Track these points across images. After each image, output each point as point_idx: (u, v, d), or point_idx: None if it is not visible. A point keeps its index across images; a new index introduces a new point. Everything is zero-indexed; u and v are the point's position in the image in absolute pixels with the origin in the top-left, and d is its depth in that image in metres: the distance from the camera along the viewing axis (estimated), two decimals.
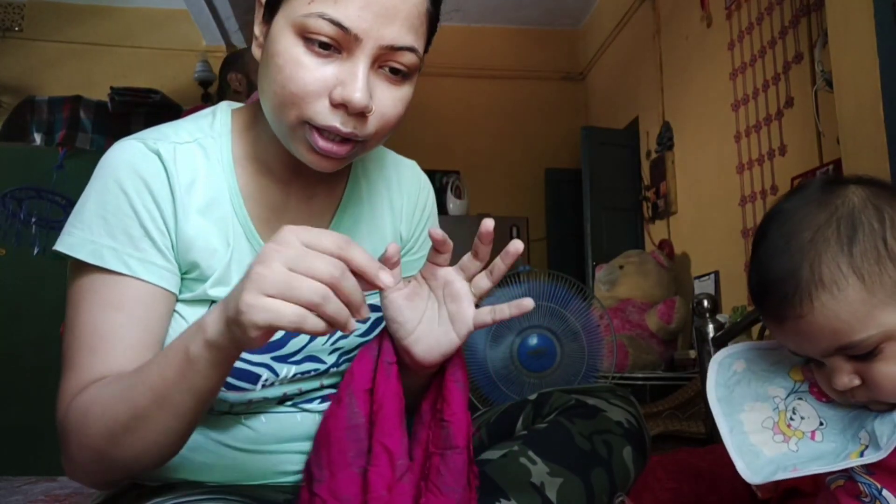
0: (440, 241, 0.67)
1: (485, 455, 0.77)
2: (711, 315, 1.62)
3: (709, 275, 3.40)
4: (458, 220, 4.45)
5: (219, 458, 0.73)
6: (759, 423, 0.68)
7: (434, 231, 0.67)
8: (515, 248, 0.67)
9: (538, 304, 2.49)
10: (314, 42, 0.63)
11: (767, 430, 0.68)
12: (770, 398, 0.70)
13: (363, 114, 0.65)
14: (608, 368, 2.66)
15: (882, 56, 1.55)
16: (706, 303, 1.63)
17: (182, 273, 0.70)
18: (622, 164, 4.37)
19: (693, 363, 3.09)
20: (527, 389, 2.41)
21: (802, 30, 2.73)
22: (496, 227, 0.67)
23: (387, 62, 0.65)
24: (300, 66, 0.63)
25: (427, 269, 0.70)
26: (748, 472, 0.65)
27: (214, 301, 0.70)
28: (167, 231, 0.69)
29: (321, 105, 0.64)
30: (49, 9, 4.55)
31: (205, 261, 0.70)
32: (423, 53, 0.70)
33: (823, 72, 2.48)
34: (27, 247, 3.00)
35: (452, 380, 0.71)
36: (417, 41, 0.66)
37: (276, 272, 0.52)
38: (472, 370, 2.48)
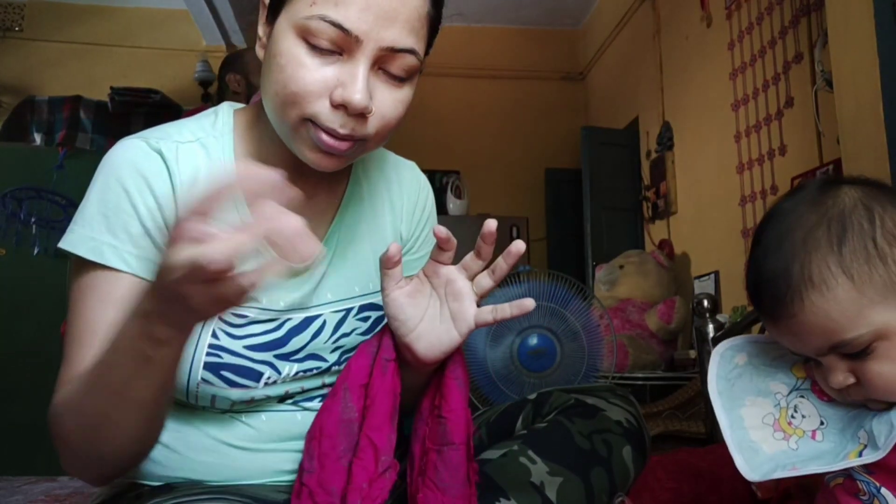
0: (444, 239, 0.68)
1: (485, 454, 0.77)
2: (711, 315, 1.62)
3: (709, 275, 3.40)
4: (458, 220, 4.45)
5: (219, 457, 0.73)
6: (760, 419, 0.68)
7: (438, 229, 0.67)
8: (517, 249, 0.67)
9: (538, 304, 2.48)
10: (315, 43, 0.63)
11: (768, 427, 0.68)
12: (772, 394, 0.70)
13: (363, 115, 0.65)
14: (608, 368, 2.66)
15: (882, 56, 1.55)
16: (706, 303, 1.63)
17: None
18: (622, 164, 4.37)
19: (693, 363, 3.09)
20: (527, 389, 2.41)
21: (802, 30, 2.74)
22: (497, 227, 0.68)
23: (387, 64, 0.66)
24: (301, 67, 0.64)
25: (430, 267, 0.71)
26: (747, 469, 0.66)
27: None
28: (167, 229, 0.69)
29: (322, 105, 0.64)
30: (49, 9, 4.56)
31: None
32: (424, 55, 0.71)
33: (823, 72, 2.48)
34: (27, 247, 3.00)
35: (452, 377, 0.71)
36: (418, 43, 0.66)
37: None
38: (472, 370, 2.48)
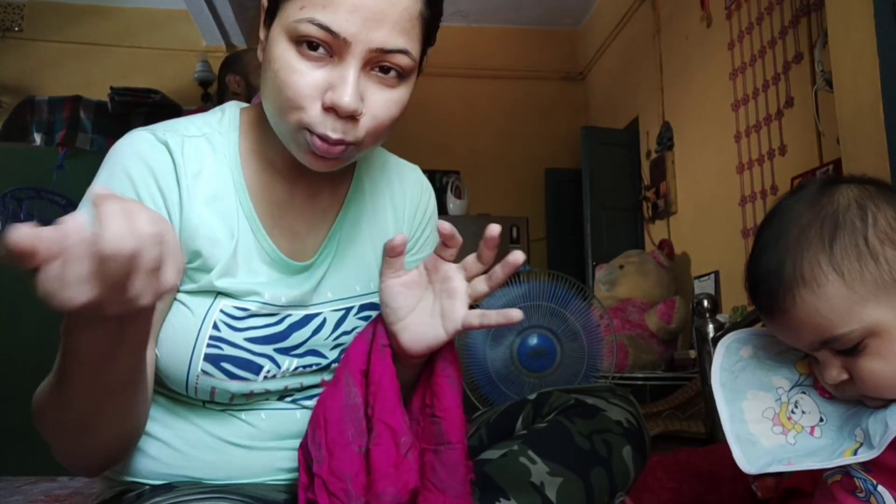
0: (448, 236, 0.68)
1: (485, 455, 0.77)
2: (711, 315, 1.63)
3: (709, 275, 3.40)
4: (458, 220, 4.45)
5: (219, 455, 0.73)
6: (760, 413, 0.69)
7: (442, 225, 0.67)
8: (515, 260, 0.67)
9: (538, 304, 2.49)
10: (306, 47, 0.64)
11: (767, 421, 0.68)
12: (773, 388, 0.70)
13: (353, 117, 0.65)
14: (608, 368, 2.66)
15: (882, 56, 1.55)
16: (706, 303, 1.64)
17: (185, 262, 0.71)
18: (622, 164, 4.37)
19: (693, 363, 3.09)
20: (527, 389, 2.41)
21: (802, 30, 2.73)
22: None
23: (379, 65, 0.66)
24: (294, 71, 0.64)
25: (431, 261, 0.71)
26: (744, 461, 0.66)
27: (221, 292, 0.71)
28: (170, 220, 0.70)
29: (314, 109, 0.65)
30: (49, 9, 4.56)
31: (207, 250, 0.71)
32: (423, 55, 0.71)
33: (823, 72, 2.48)
34: None
35: (443, 375, 0.71)
36: (409, 43, 0.66)
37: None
38: (472, 370, 2.48)
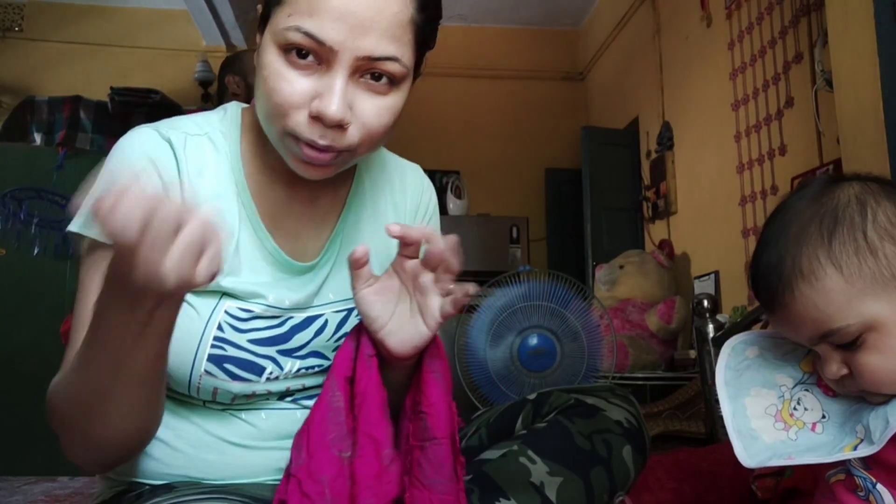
0: (399, 237, 0.66)
1: (484, 455, 0.77)
2: (711, 315, 1.63)
3: (709, 275, 3.40)
4: (458, 220, 4.46)
5: (219, 455, 0.74)
6: (763, 409, 0.69)
7: (390, 228, 0.65)
8: (433, 252, 0.65)
9: (538, 304, 2.49)
10: (294, 54, 0.63)
11: (769, 417, 0.68)
12: (777, 386, 0.70)
13: (341, 126, 0.65)
14: (608, 368, 2.66)
15: (882, 56, 1.55)
16: (706, 303, 1.64)
17: None
18: (622, 164, 4.37)
19: (693, 363, 3.09)
20: (527, 389, 2.41)
21: (802, 30, 2.73)
22: (496, 227, 0.67)
23: (368, 72, 0.65)
24: (281, 79, 0.64)
25: (397, 262, 0.70)
26: (744, 455, 0.67)
27: (225, 293, 0.71)
28: None
29: (301, 117, 0.64)
30: (49, 9, 4.56)
31: None
32: (420, 59, 0.70)
33: (823, 72, 2.48)
34: (27, 247, 3.01)
35: (429, 371, 0.70)
36: (400, 50, 0.65)
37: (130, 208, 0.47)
38: (473, 370, 2.48)
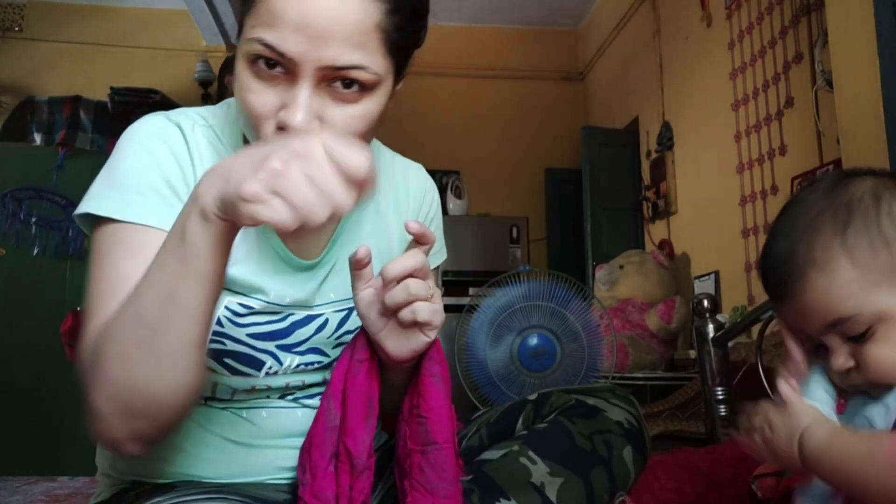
0: (420, 234, 0.66)
1: (485, 455, 0.77)
2: (711, 315, 1.63)
3: (709, 275, 3.40)
4: (458, 220, 4.46)
5: (220, 453, 0.74)
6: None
7: (410, 225, 0.65)
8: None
9: (538, 304, 2.49)
10: (262, 65, 0.63)
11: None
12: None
13: None
14: (608, 368, 2.66)
15: (882, 56, 1.55)
16: (706, 303, 1.64)
17: None
18: (622, 164, 4.37)
19: (693, 363, 3.09)
20: (527, 389, 2.41)
21: (802, 30, 2.73)
22: (496, 227, 0.67)
23: (335, 81, 0.64)
24: (249, 91, 0.64)
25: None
26: None
27: (227, 288, 0.70)
28: (189, 190, 0.69)
29: (269, 128, 0.65)
30: (49, 9, 4.56)
31: None
32: (405, 61, 0.69)
33: (823, 72, 2.48)
34: (27, 247, 3.00)
35: (428, 375, 0.70)
36: (365, 57, 0.63)
37: (295, 179, 0.49)
38: (473, 370, 2.48)
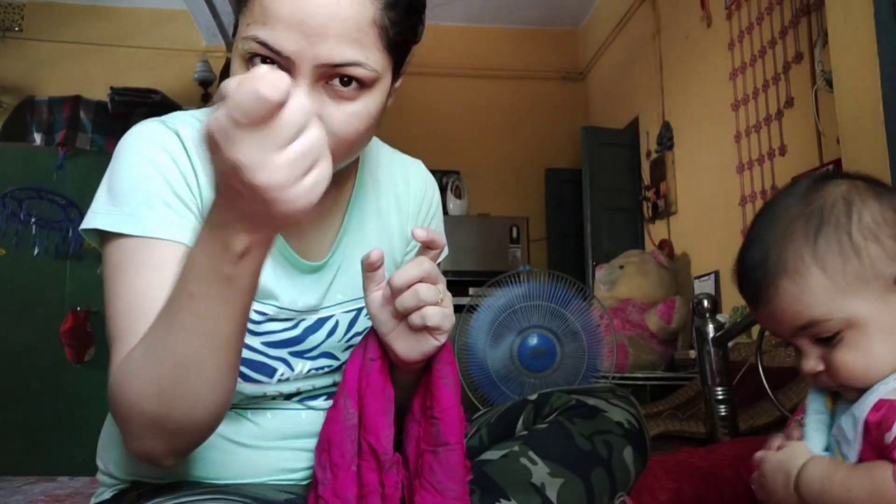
0: (427, 241, 0.67)
1: (485, 455, 0.77)
2: (711, 315, 1.62)
3: (709, 275, 3.40)
4: (458, 220, 4.45)
5: (224, 454, 0.73)
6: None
7: (417, 233, 0.66)
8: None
9: (538, 304, 2.49)
10: (257, 63, 0.62)
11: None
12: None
13: None
14: (608, 368, 2.66)
15: (882, 56, 1.54)
16: (706, 303, 1.63)
17: None
18: (622, 164, 4.37)
19: (693, 363, 3.09)
20: (527, 389, 2.41)
21: (802, 30, 2.73)
22: (496, 227, 0.67)
23: (332, 79, 0.63)
24: None
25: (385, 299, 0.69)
26: None
27: None
28: (195, 198, 0.70)
29: None
30: (49, 9, 4.55)
31: None
32: (403, 58, 0.69)
33: (823, 72, 2.48)
34: (27, 247, 3.01)
35: (439, 376, 0.71)
36: (362, 53, 0.62)
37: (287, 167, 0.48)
38: (473, 370, 2.48)
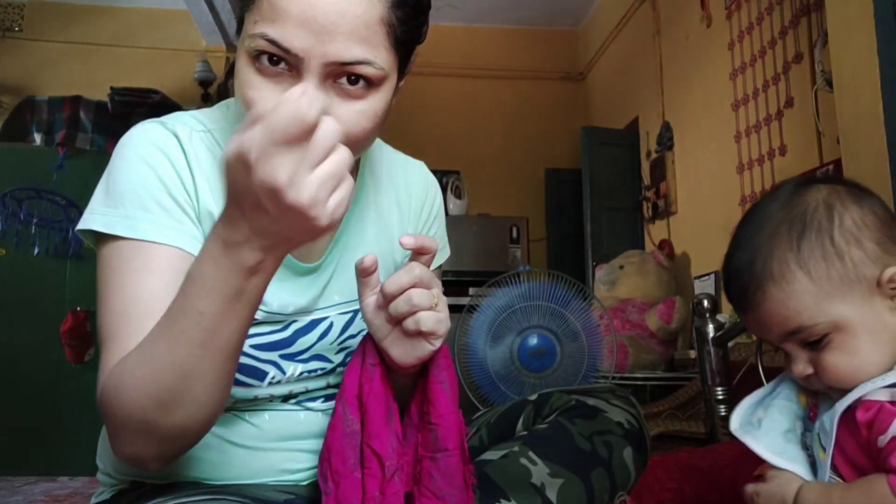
0: (415, 249, 0.66)
1: (485, 455, 0.77)
2: (711, 315, 1.62)
3: (709, 275, 3.40)
4: (458, 220, 4.45)
5: (222, 455, 0.73)
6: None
7: (404, 240, 0.65)
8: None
9: (538, 304, 2.49)
10: (265, 61, 0.62)
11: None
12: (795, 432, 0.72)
13: None
14: (608, 368, 2.66)
15: (882, 56, 1.54)
16: (706, 303, 1.63)
17: None
18: (622, 164, 4.37)
19: (693, 363, 3.09)
20: (527, 389, 2.41)
21: (802, 30, 2.73)
22: (496, 227, 0.67)
23: (340, 77, 0.63)
24: (252, 88, 0.63)
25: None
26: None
27: None
28: (192, 202, 0.70)
29: None
30: (49, 9, 4.55)
31: None
32: (405, 58, 0.69)
33: (823, 72, 2.48)
34: (27, 247, 3.01)
35: (436, 381, 0.70)
36: (371, 52, 0.62)
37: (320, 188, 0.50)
38: (473, 370, 2.48)
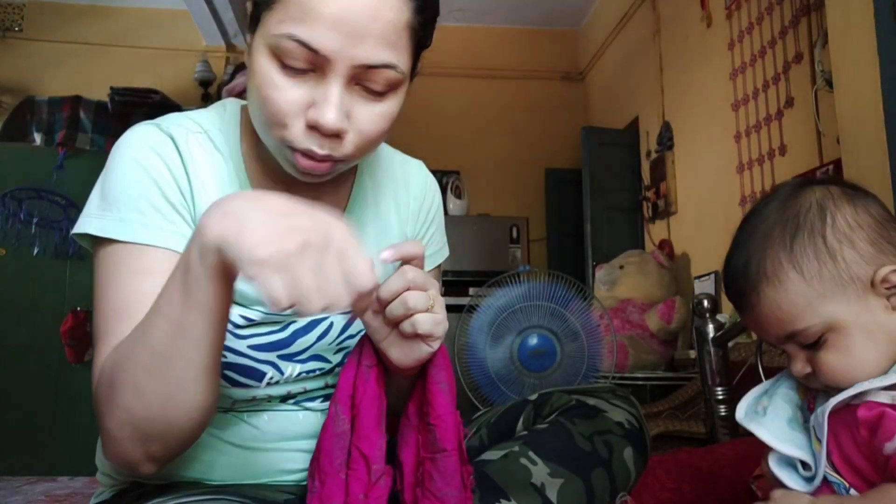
0: (400, 258, 0.64)
1: (485, 455, 0.77)
2: (711, 315, 1.62)
3: (709, 275, 3.39)
4: (458, 220, 4.46)
5: (221, 456, 0.73)
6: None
7: (384, 254, 0.64)
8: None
9: (538, 304, 2.49)
10: (287, 62, 0.62)
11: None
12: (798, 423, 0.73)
13: (338, 135, 0.64)
14: (608, 368, 2.66)
15: (882, 56, 1.55)
16: (706, 303, 1.63)
17: None
18: (622, 164, 4.37)
19: (693, 363, 3.09)
20: (527, 389, 2.41)
21: (802, 30, 2.73)
22: (496, 227, 0.67)
23: (364, 80, 0.64)
24: (275, 88, 0.63)
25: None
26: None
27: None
28: (187, 204, 0.70)
29: (297, 127, 0.63)
30: (49, 9, 4.55)
31: None
32: (416, 61, 0.69)
33: (823, 72, 2.48)
34: (27, 247, 3.01)
35: (434, 382, 0.70)
36: (396, 56, 0.63)
37: (305, 270, 0.49)
38: (473, 370, 2.48)
